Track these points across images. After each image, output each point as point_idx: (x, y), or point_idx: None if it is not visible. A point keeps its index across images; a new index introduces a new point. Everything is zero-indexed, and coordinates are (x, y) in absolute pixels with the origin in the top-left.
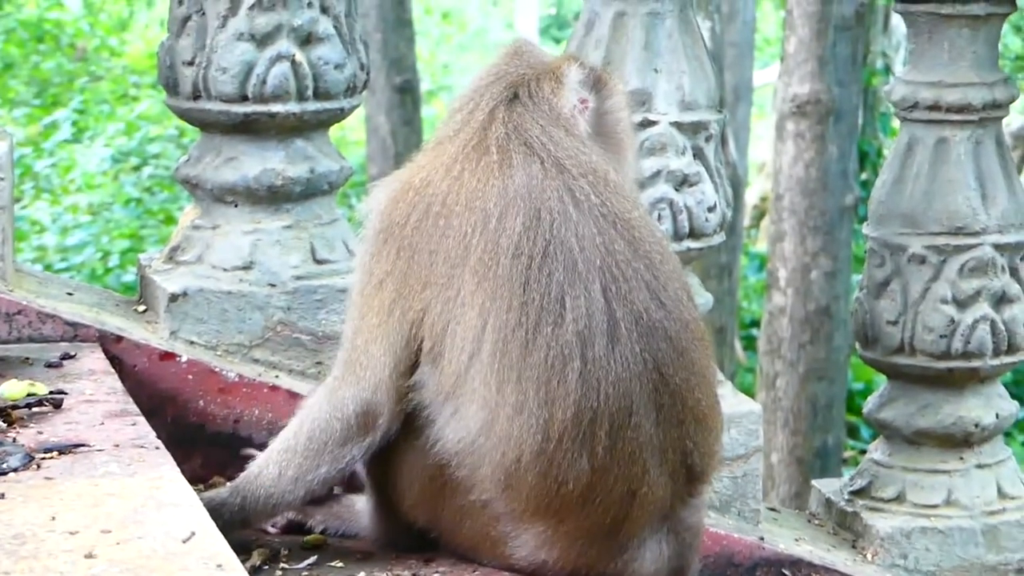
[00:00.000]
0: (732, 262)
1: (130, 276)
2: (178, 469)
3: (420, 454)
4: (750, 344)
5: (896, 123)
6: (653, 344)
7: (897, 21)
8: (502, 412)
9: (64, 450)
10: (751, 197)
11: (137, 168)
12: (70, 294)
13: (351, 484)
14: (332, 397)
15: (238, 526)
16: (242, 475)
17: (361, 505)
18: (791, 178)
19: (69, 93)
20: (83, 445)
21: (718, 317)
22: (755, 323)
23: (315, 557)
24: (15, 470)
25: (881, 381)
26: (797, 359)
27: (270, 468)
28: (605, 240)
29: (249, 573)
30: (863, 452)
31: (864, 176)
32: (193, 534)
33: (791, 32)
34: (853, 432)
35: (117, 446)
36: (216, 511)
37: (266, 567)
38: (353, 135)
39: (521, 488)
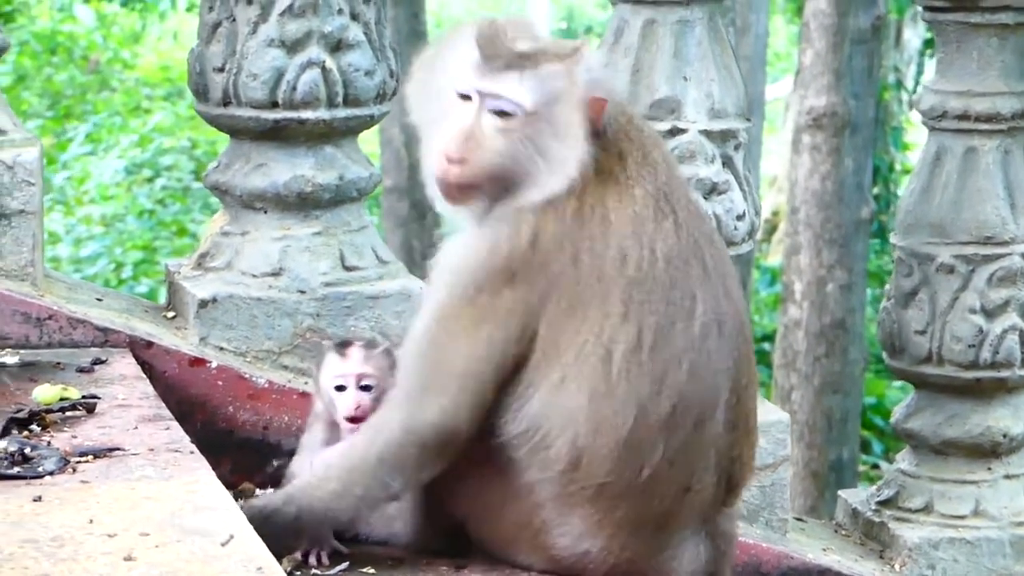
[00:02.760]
0: (745, 275)
1: (143, 287)
2: (213, 473)
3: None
4: (762, 358)
5: (908, 137)
6: (737, 343)
7: (909, 35)
8: (608, 401)
9: (99, 454)
10: (763, 211)
11: (150, 180)
12: (99, 300)
13: None
14: (411, 420)
15: (291, 536)
16: (296, 485)
17: (392, 510)
18: (807, 191)
19: (82, 105)
20: (118, 449)
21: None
22: (767, 337)
23: (346, 564)
24: (51, 473)
25: (894, 395)
26: (812, 372)
27: (331, 483)
28: (712, 238)
29: None
30: (875, 466)
31: (876, 190)
32: (232, 537)
33: (807, 45)
34: (865, 447)
35: (152, 450)
36: (268, 519)
37: (297, 573)
38: (367, 147)
39: (592, 467)
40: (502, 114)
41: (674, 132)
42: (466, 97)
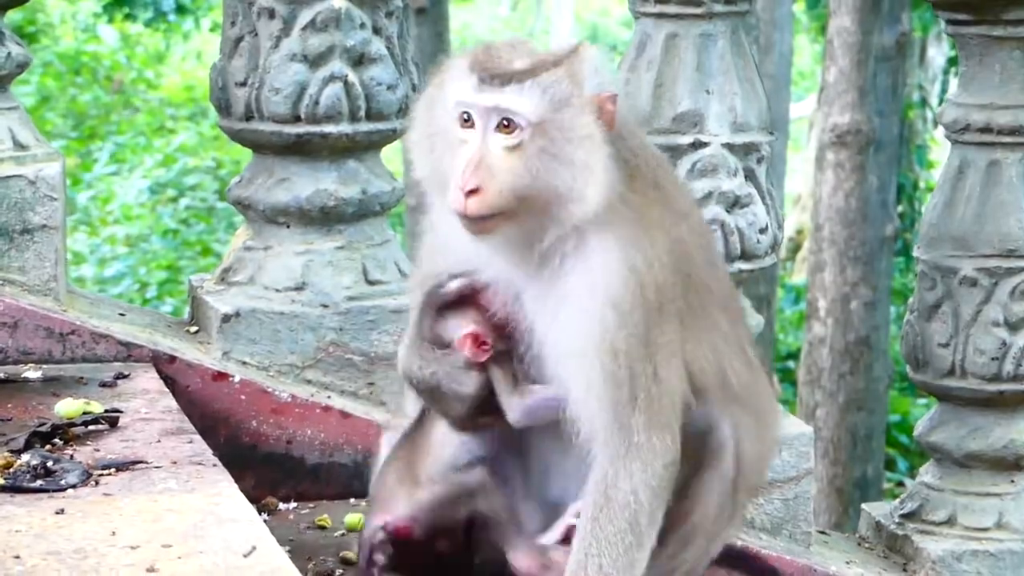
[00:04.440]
0: (770, 293)
1: (167, 307)
2: (236, 486)
3: None
4: (787, 376)
5: (932, 156)
6: None
7: (934, 53)
8: None
9: (122, 467)
10: (786, 229)
11: (174, 199)
12: (122, 315)
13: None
14: (652, 475)
15: None
16: None
17: None
18: (831, 208)
19: (106, 125)
20: (140, 462)
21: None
22: (791, 355)
23: None
24: (73, 486)
25: (919, 413)
26: (837, 389)
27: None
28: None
29: None
30: (900, 484)
31: (900, 208)
32: (254, 549)
33: (831, 62)
34: (890, 464)
35: (174, 463)
36: None
37: None
38: (390, 165)
39: None
40: (508, 130)
41: (696, 145)
42: (468, 123)
